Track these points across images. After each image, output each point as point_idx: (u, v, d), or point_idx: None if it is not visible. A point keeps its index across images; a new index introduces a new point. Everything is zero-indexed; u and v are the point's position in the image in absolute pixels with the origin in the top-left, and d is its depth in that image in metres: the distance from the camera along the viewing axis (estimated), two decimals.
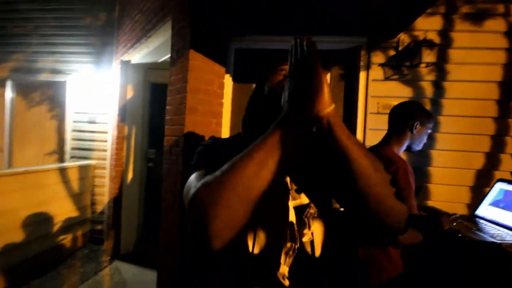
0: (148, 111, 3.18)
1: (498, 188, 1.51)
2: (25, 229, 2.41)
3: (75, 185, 3.01)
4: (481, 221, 1.44)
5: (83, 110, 3.30)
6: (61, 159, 3.38)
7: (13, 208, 2.31)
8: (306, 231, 0.63)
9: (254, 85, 0.80)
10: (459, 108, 1.91)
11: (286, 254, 0.61)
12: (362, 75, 1.97)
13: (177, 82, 1.88)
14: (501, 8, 1.86)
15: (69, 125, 3.32)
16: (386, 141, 1.32)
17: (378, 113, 1.94)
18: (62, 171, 2.88)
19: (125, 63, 2.98)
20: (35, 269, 2.50)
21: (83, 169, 3.13)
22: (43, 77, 3.38)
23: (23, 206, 2.42)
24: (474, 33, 1.88)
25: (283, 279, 0.61)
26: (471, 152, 1.92)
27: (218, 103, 1.94)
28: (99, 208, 3.26)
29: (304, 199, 0.64)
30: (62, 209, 2.85)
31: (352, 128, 2.03)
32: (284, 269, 0.61)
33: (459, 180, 1.92)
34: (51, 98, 3.49)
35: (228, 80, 2.06)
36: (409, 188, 1.16)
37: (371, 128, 1.95)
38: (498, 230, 1.29)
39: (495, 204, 1.48)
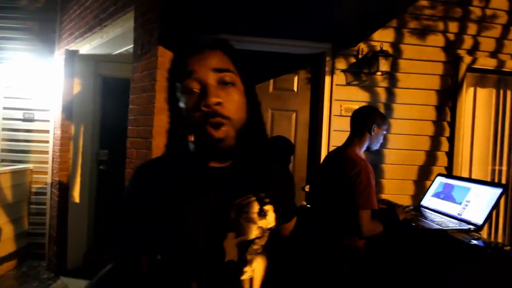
0: (100, 107, 2.87)
1: (438, 181, 1.76)
2: None
3: (7, 193, 2.57)
4: (426, 210, 1.68)
5: (17, 106, 2.81)
6: None
7: None
8: (246, 269, 0.57)
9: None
10: (406, 112, 2.18)
11: None
12: (327, 79, 2.10)
13: (143, 79, 1.74)
14: (440, 25, 2.17)
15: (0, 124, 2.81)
16: (349, 143, 1.47)
17: (341, 115, 2.10)
18: None
19: (72, 53, 2.63)
20: None
21: (17, 175, 2.68)
22: None
23: None
24: (419, 47, 2.16)
25: None
26: (414, 151, 2.20)
27: None
28: (38, 218, 2.84)
29: (250, 234, 0.57)
30: None
31: (318, 129, 2.15)
32: None
33: (405, 175, 2.20)
34: None
35: None
36: (370, 186, 1.31)
37: (335, 129, 2.10)
38: (441, 218, 1.52)
39: (437, 195, 1.72)
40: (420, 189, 2.14)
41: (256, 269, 0.59)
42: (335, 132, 2.09)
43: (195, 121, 0.53)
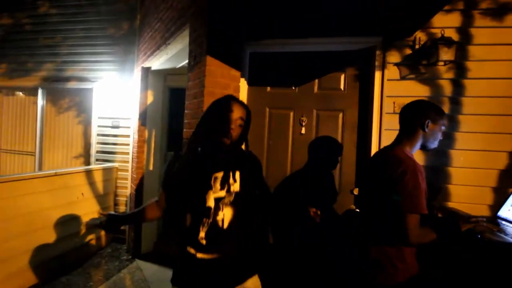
0: (167, 114, 3.31)
1: None
2: (53, 228, 2.57)
3: (99, 186, 3.17)
4: (504, 222, 1.39)
5: (107, 115, 3.48)
6: (87, 162, 3.58)
7: (43, 208, 2.48)
8: (220, 212, 1.10)
9: (268, 89, 1.10)
10: (480, 107, 1.85)
11: (202, 225, 1.09)
12: (378, 75, 1.96)
13: (195, 87, 1.96)
14: None
15: (94, 130, 3.52)
16: (398, 141, 1.32)
17: (394, 113, 1.92)
18: (88, 173, 3.05)
19: (146, 70, 3.12)
20: (62, 266, 2.66)
21: (107, 171, 3.29)
22: (71, 84, 3.61)
23: (52, 207, 2.58)
24: (495, 29, 1.83)
25: (201, 240, 1.09)
26: (493, 152, 1.85)
27: None
28: (121, 208, 3.41)
29: (221, 193, 1.10)
30: (88, 209, 3.01)
31: (367, 128, 2.02)
32: (201, 234, 1.09)
33: (481, 181, 1.85)
34: (78, 104, 3.71)
35: (243, 84, 2.11)
36: (418, 188, 1.14)
37: (387, 128, 1.93)
38: None
39: None
40: (501, 198, 1.77)
41: (226, 214, 1.11)
42: (387, 132, 1.92)
43: (220, 133, 1.12)
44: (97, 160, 3.50)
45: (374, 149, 1.96)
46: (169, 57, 2.74)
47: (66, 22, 3.59)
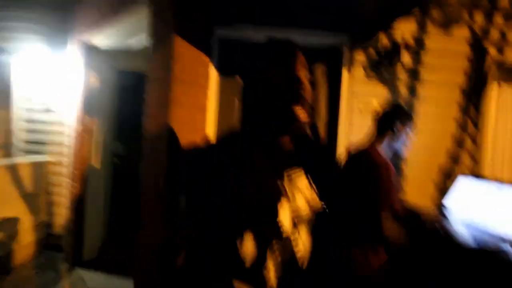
0: (116, 101, 2.90)
1: (461, 183, 1.67)
2: None
3: (27, 184, 2.63)
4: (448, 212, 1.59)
5: (36, 97, 2.87)
6: (7, 154, 2.91)
7: None
8: (293, 231, 0.66)
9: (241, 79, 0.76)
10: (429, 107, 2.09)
11: (272, 251, 0.64)
12: (345, 73, 2.03)
13: (159, 71, 1.72)
14: (465, 15, 2.06)
15: (17, 114, 2.87)
16: (372, 142, 1.41)
17: (359, 110, 2.02)
18: (11, 168, 2.49)
19: (88, 46, 2.65)
20: None
21: (36, 166, 2.75)
22: None
23: None
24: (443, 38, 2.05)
25: (268, 273, 0.64)
26: (436, 148, 2.11)
27: (203, 95, 1.83)
28: (56, 210, 2.90)
29: (298, 202, 0.67)
30: (12, 212, 2.48)
31: (335, 124, 2.09)
32: (270, 274, 0.64)
33: (426, 175, 2.10)
34: None
35: (213, 71, 1.95)
36: (392, 189, 1.25)
37: (355, 124, 2.03)
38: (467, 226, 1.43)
39: (460, 197, 1.64)
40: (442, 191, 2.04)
41: (301, 234, 0.67)
42: (354, 127, 2.02)
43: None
44: (23, 151, 2.88)
45: (341, 144, 2.04)
46: (120, 33, 2.37)
47: None
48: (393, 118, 1.36)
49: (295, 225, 0.66)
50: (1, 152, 2.96)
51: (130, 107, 2.75)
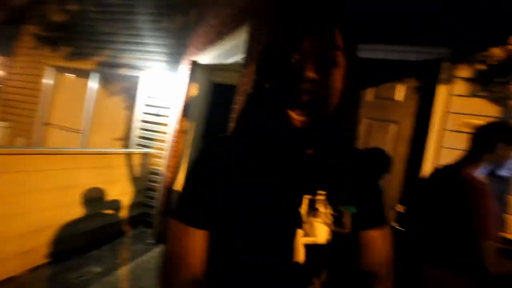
0: (208, 109, 3.37)
1: None
2: (89, 204, 2.67)
3: (136, 169, 3.28)
4: None
5: (150, 103, 3.62)
6: (127, 145, 3.73)
7: (83, 184, 2.59)
8: (315, 278, 0.49)
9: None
10: None
11: None
12: (442, 89, 1.84)
13: (247, 83, 1.96)
14: None
15: (137, 116, 3.66)
16: (466, 161, 1.23)
17: (456, 131, 1.78)
18: (128, 156, 3.17)
19: (194, 63, 3.21)
20: (93, 241, 2.74)
21: (144, 156, 3.40)
22: (122, 71, 3.81)
23: (92, 183, 2.69)
24: None
25: None
26: None
27: None
28: (152, 193, 3.50)
29: (320, 236, 0.49)
30: (123, 190, 3.12)
31: (422, 144, 1.89)
32: None
33: None
34: (126, 90, 3.90)
35: None
36: (488, 215, 1.05)
37: (446, 146, 1.80)
38: None
39: None
40: None
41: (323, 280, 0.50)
42: (446, 150, 1.79)
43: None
44: (137, 144, 3.64)
45: (428, 166, 1.83)
46: (220, 52, 2.79)
47: (125, 13, 3.81)
48: (495, 138, 1.17)
49: (312, 260, 0.50)
50: (123, 143, 3.80)
51: (219, 114, 3.15)
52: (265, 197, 0.49)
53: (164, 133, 3.55)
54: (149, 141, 3.61)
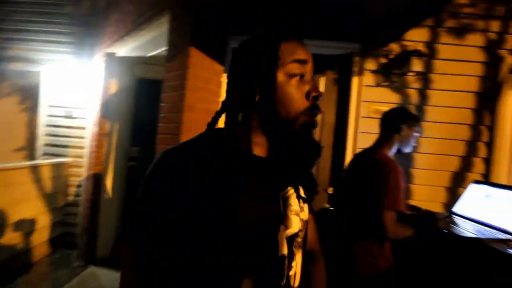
0: (134, 107, 3.04)
1: (474, 188, 1.65)
2: None
3: (47, 184, 2.78)
4: (459, 218, 1.57)
5: (59, 104, 3.06)
6: (32, 156, 3.10)
7: None
8: (293, 263, 0.56)
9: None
10: (440, 115, 2.07)
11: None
12: (355, 80, 2.06)
13: (175, 79, 1.83)
14: (481, 24, 2.06)
15: (42, 119, 3.06)
16: (378, 144, 1.43)
17: (369, 117, 2.04)
18: (34, 169, 2.65)
19: (110, 56, 2.82)
20: (3, 275, 2.26)
21: (56, 167, 2.90)
22: (14, 66, 3.09)
23: None
24: (457, 46, 2.06)
25: None
26: (448, 156, 2.08)
27: (216, 101, 1.91)
28: (73, 209, 3.04)
29: (295, 226, 0.56)
30: (33, 211, 2.62)
31: (344, 131, 2.11)
32: None
33: (437, 181, 2.08)
34: (22, 89, 3.19)
35: (225, 79, 2.04)
36: (398, 188, 1.26)
37: (362, 131, 2.05)
38: (476, 226, 1.42)
39: (471, 203, 1.61)
40: (453, 197, 2.01)
41: (297, 264, 0.58)
42: (362, 134, 2.03)
43: (294, 107, 0.53)
44: (45, 154, 3.05)
45: (349, 150, 2.06)
46: (140, 44, 2.52)
47: None
48: (400, 122, 1.37)
49: (291, 250, 0.56)
50: (25, 154, 3.15)
51: (146, 112, 2.88)
52: (250, 201, 0.52)
53: (81, 138, 3.08)
54: (62, 149, 3.08)
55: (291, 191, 0.58)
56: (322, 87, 2.18)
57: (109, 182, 2.92)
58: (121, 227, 0.57)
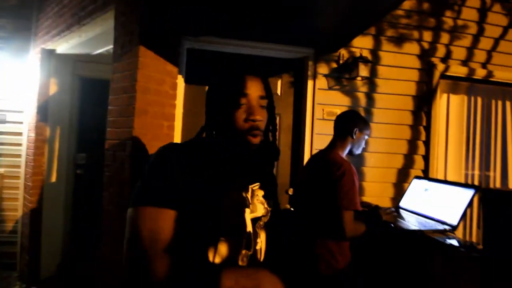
0: (78, 110, 2.77)
1: (415, 183, 1.83)
2: None
3: None
4: (404, 212, 1.73)
5: None
6: None
7: None
8: (258, 240, 0.75)
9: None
10: (385, 116, 2.25)
11: (242, 260, 0.71)
12: (310, 83, 2.14)
13: (123, 80, 1.70)
14: (416, 33, 2.28)
15: None
16: (332, 146, 1.50)
17: (323, 119, 2.13)
18: None
19: (48, 53, 2.53)
20: None
21: None
22: None
23: None
24: (396, 54, 2.25)
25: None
26: (393, 154, 2.28)
27: (170, 104, 1.82)
28: (9, 226, 2.68)
29: (259, 211, 0.76)
30: None
31: (300, 132, 2.18)
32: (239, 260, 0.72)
33: (385, 178, 2.26)
34: None
35: (180, 81, 1.96)
36: (353, 188, 1.33)
37: (317, 132, 2.13)
38: (419, 219, 1.57)
39: (414, 197, 1.78)
40: (399, 192, 2.20)
41: (262, 241, 0.77)
42: (318, 136, 2.12)
43: (239, 128, 0.70)
44: None
45: (307, 152, 2.13)
46: (83, 40, 2.30)
47: None
48: (352, 125, 1.46)
49: (256, 228, 0.75)
50: None
51: (94, 115, 2.64)
52: (225, 189, 0.70)
53: (17, 145, 2.72)
54: None
55: (257, 186, 0.78)
56: (278, 90, 2.22)
57: (52, 193, 2.62)
58: (138, 194, 0.65)
